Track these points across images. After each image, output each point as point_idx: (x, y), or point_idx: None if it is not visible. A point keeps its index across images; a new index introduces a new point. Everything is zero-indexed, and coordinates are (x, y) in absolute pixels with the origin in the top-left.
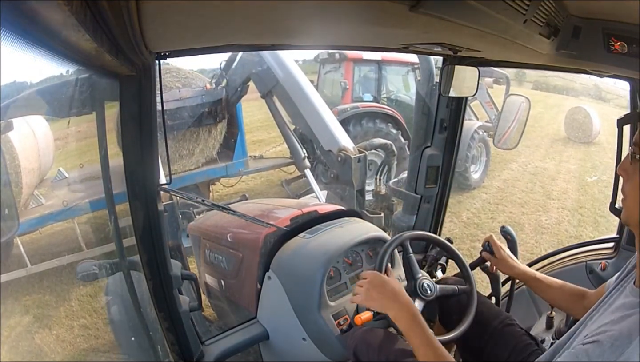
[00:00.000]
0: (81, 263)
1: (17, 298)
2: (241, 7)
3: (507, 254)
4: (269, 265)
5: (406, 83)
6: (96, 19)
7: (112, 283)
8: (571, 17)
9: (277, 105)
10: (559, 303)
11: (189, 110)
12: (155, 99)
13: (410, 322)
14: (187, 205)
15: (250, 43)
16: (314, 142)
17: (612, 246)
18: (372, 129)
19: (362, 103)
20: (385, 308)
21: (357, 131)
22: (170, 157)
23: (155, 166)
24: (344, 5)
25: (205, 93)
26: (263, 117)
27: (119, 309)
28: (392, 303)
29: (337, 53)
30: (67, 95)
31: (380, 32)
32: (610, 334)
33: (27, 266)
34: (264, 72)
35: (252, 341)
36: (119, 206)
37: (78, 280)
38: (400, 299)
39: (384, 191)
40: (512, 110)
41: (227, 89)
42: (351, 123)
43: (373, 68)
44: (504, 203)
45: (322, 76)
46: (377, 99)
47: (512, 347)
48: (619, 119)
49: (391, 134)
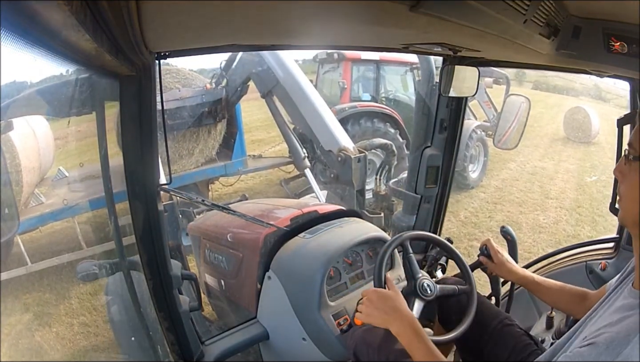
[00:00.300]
0: (81, 263)
1: (17, 296)
2: (241, 7)
3: (506, 258)
4: (269, 265)
5: (404, 83)
6: (96, 19)
7: (112, 283)
8: (571, 17)
9: (277, 105)
10: (559, 305)
11: (189, 110)
12: (155, 99)
13: (412, 337)
14: (187, 204)
15: (250, 43)
16: (313, 142)
17: (612, 246)
18: (370, 129)
19: (361, 103)
20: (387, 324)
21: (356, 130)
22: (170, 157)
23: (155, 166)
24: (343, 5)
25: (205, 93)
26: (262, 116)
27: (119, 309)
28: (393, 319)
29: (335, 53)
30: (67, 95)
31: (380, 32)
32: (606, 336)
33: (27, 264)
34: (264, 72)
35: (252, 341)
36: (119, 205)
37: (78, 279)
38: (400, 314)
39: (384, 191)
40: (512, 111)
41: (227, 89)
42: (349, 123)
43: (371, 68)
44: (502, 202)
45: (320, 76)
46: (376, 98)
47: (512, 347)
48: (619, 119)
49: (389, 134)
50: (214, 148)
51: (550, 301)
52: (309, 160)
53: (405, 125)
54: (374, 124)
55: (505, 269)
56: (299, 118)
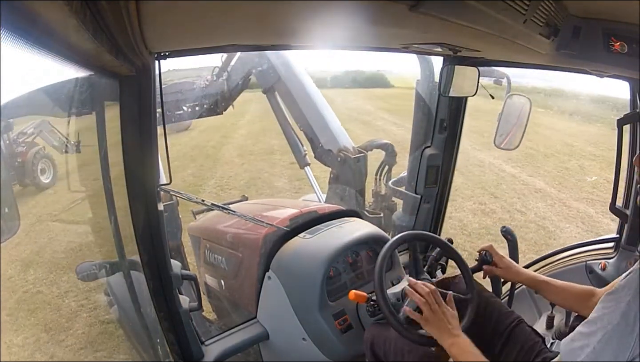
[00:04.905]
0: (81, 263)
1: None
2: (241, 7)
3: (510, 261)
4: (268, 265)
5: None
6: (96, 19)
7: (112, 283)
8: (571, 17)
9: (279, 101)
10: (567, 303)
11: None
12: (155, 99)
13: (462, 351)
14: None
15: (250, 43)
16: (313, 140)
17: (612, 245)
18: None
19: None
20: (443, 340)
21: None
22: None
23: (155, 166)
24: (343, 5)
25: (206, 86)
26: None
27: (119, 309)
28: (451, 337)
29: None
30: (67, 95)
31: (380, 32)
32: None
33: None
34: (265, 68)
35: (252, 341)
36: (119, 205)
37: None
38: (459, 337)
39: (384, 190)
40: (512, 111)
41: (228, 83)
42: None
43: None
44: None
45: None
46: None
47: (521, 346)
48: (619, 119)
49: None
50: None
51: (558, 300)
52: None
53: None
54: None
55: (512, 272)
56: (299, 116)
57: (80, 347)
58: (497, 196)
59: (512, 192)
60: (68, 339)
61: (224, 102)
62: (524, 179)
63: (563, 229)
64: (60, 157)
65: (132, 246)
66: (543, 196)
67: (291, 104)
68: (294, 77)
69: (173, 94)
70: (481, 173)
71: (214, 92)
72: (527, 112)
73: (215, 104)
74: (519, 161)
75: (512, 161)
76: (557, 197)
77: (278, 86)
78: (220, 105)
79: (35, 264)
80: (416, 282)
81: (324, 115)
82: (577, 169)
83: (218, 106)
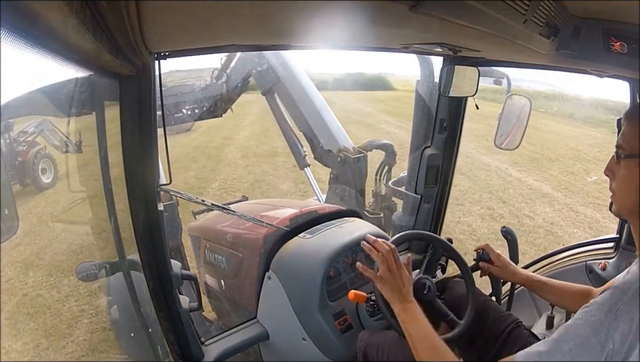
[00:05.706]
0: (81, 263)
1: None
2: (241, 7)
3: (507, 260)
4: (268, 265)
5: None
6: (96, 19)
7: (112, 283)
8: (571, 17)
9: (278, 103)
10: (564, 303)
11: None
12: (155, 99)
13: (412, 318)
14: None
15: (250, 43)
16: (313, 141)
17: (612, 245)
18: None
19: None
20: (395, 301)
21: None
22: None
23: (155, 166)
24: (343, 5)
25: (205, 88)
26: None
27: (119, 309)
28: (402, 301)
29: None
30: (67, 95)
31: (380, 32)
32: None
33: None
34: (264, 69)
35: (252, 341)
36: (119, 205)
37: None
38: (412, 303)
39: (384, 191)
40: (513, 111)
41: (227, 85)
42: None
43: None
44: None
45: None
46: None
47: (517, 350)
48: (619, 119)
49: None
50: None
51: (555, 300)
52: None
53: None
54: None
55: (509, 271)
56: (298, 116)
57: (82, 354)
58: (505, 201)
59: (520, 196)
60: (69, 346)
61: (223, 104)
62: (531, 183)
63: (572, 234)
64: (61, 157)
65: (132, 246)
66: (550, 200)
67: (290, 105)
68: (293, 77)
69: (172, 96)
70: (488, 177)
71: (213, 94)
72: (528, 112)
73: (214, 106)
74: (524, 165)
75: (518, 165)
76: (564, 202)
77: (277, 87)
78: (219, 108)
79: (35, 266)
80: (376, 239)
81: (323, 115)
82: (583, 174)
83: (217, 108)
